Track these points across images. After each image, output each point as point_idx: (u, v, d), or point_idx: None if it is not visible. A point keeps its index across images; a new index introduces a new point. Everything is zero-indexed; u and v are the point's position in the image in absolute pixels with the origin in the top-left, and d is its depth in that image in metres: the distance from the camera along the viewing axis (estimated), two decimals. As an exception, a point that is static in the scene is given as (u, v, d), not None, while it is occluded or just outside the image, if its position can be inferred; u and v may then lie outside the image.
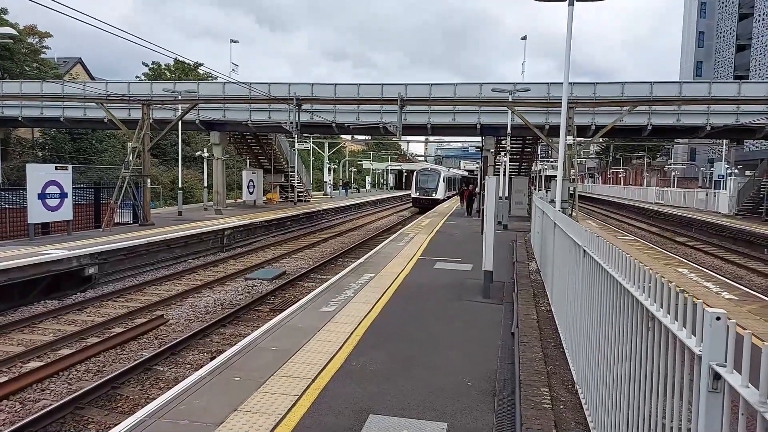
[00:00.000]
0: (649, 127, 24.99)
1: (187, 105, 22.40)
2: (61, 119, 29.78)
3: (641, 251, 17.45)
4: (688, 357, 2.31)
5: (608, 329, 4.00)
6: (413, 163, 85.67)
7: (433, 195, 42.76)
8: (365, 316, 8.33)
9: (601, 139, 55.06)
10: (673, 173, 58.43)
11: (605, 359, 4.08)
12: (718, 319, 2.03)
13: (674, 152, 66.44)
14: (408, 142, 69.18)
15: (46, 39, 48.67)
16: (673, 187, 52.23)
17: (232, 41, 30.04)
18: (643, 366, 3.02)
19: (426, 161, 78.65)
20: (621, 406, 3.52)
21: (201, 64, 42.83)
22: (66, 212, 16.62)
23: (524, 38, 31.38)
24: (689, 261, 17.03)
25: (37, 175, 15.65)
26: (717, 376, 2.01)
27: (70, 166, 17.37)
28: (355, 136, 48.77)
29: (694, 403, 2.20)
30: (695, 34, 66.36)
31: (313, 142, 52.02)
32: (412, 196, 44.59)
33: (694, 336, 2.25)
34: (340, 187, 59.71)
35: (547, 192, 23.87)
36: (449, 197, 49.36)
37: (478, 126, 26.42)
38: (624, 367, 3.47)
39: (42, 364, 8.43)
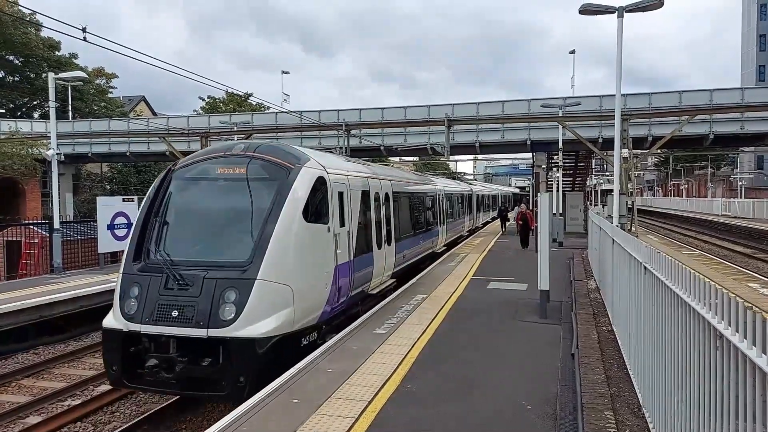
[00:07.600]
0: (711, 136, 23.93)
1: (243, 135, 23.31)
2: (128, 154, 31.68)
3: (708, 266, 16.57)
4: (760, 377, 2.20)
5: (674, 349, 3.84)
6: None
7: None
8: (419, 338, 8.29)
9: (659, 151, 53.03)
10: (739, 183, 55.38)
11: (672, 380, 3.91)
12: (790, 336, 1.94)
13: (740, 161, 63.03)
14: (456, 161, 68.17)
15: (112, 80, 52.08)
16: (741, 197, 49.42)
17: (283, 72, 31.22)
18: (712, 387, 2.88)
19: (475, 180, 61.20)
20: (692, 430, 3.36)
21: (251, 95, 44.33)
22: (132, 241, 17.51)
23: (572, 52, 31.05)
24: (762, 276, 16.01)
25: (107, 207, 16.66)
26: (792, 397, 1.92)
27: (135, 198, 18.38)
28: (403, 158, 48.85)
29: (769, 426, 2.09)
30: (756, 38, 63.31)
31: (363, 165, 52.62)
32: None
33: (765, 355, 2.15)
34: None
35: (603, 207, 23.15)
36: (404, 268, 14.19)
37: (528, 142, 26.09)
38: (692, 389, 3.32)
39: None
